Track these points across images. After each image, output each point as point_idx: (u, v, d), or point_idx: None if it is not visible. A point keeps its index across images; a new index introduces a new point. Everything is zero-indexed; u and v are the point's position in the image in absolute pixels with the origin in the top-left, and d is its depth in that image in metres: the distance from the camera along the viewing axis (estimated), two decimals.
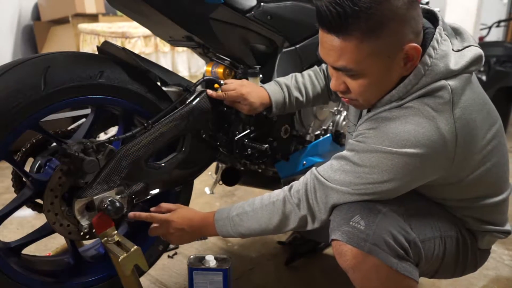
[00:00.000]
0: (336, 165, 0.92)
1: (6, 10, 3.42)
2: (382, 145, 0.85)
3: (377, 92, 0.90)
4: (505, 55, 3.17)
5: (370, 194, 0.89)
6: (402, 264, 0.87)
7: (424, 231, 0.93)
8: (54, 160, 1.02)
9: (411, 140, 0.83)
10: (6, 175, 1.17)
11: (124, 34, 2.93)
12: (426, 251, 0.92)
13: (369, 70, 0.85)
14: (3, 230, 1.77)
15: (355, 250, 0.86)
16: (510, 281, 1.49)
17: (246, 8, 1.23)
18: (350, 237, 0.87)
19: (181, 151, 1.16)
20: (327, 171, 0.93)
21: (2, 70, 0.90)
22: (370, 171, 0.87)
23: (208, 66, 1.32)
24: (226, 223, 1.05)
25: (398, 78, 0.88)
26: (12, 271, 0.97)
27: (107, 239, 1.01)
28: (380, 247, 0.85)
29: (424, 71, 0.85)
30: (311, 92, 1.27)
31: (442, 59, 0.86)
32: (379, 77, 0.86)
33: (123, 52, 1.08)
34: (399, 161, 0.84)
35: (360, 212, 0.88)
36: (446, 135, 0.84)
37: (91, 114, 1.10)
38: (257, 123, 1.30)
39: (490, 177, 0.96)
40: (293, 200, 0.97)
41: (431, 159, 0.85)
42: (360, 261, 0.86)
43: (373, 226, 0.86)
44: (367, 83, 0.87)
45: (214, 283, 1.23)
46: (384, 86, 0.89)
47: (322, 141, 1.52)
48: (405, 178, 0.87)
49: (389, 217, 0.88)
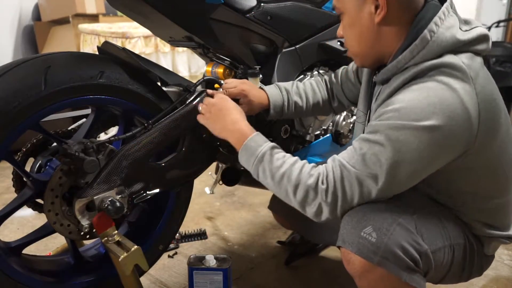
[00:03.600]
0: (361, 149, 0.86)
1: (7, 10, 3.42)
2: (408, 121, 0.82)
3: (356, 38, 0.96)
4: (504, 55, 3.17)
5: (396, 176, 0.84)
6: (411, 276, 0.86)
7: (435, 241, 0.92)
8: (55, 160, 1.03)
9: (436, 112, 0.81)
10: (7, 175, 1.17)
11: (124, 34, 2.94)
12: (436, 260, 0.91)
13: (344, 7, 0.95)
14: (4, 230, 1.78)
15: (364, 261, 0.85)
16: (509, 280, 1.49)
17: (246, 9, 1.24)
18: (360, 248, 0.85)
19: (181, 151, 1.16)
20: (352, 157, 0.87)
21: (2, 70, 0.90)
22: (398, 149, 0.82)
23: (208, 66, 1.32)
24: (257, 150, 0.97)
25: (374, 30, 0.92)
26: (12, 271, 0.97)
27: (107, 238, 1.01)
28: (390, 260, 0.84)
29: (430, 37, 0.86)
30: (311, 99, 1.27)
31: (449, 29, 0.87)
32: (352, 16, 0.94)
33: (124, 52, 1.08)
34: (426, 136, 0.82)
35: (372, 223, 0.86)
36: (470, 108, 0.83)
37: (92, 114, 1.10)
38: (257, 123, 1.31)
39: (503, 173, 0.95)
40: (322, 187, 0.88)
41: (457, 133, 0.83)
42: (368, 271, 0.85)
43: (385, 239, 0.84)
44: (346, 22, 0.96)
45: (214, 282, 1.23)
46: (359, 31, 0.94)
47: (322, 141, 1.52)
48: (432, 154, 0.84)
49: (401, 229, 0.86)
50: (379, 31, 0.92)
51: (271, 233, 1.82)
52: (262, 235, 1.81)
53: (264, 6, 1.27)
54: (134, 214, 1.24)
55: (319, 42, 1.44)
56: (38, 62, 0.94)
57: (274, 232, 1.82)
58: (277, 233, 1.80)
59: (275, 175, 0.93)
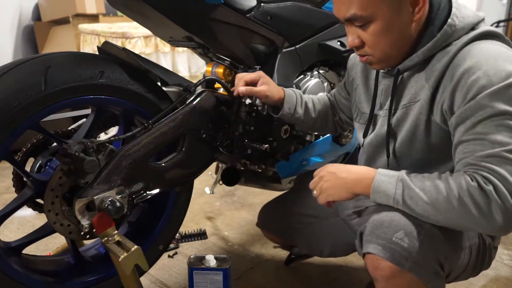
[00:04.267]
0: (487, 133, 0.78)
1: (7, 10, 3.42)
2: (501, 80, 0.77)
3: (390, 42, 0.89)
4: None
5: None
6: (436, 281, 0.86)
7: (457, 243, 0.92)
8: (55, 160, 1.03)
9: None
10: (7, 175, 1.18)
11: (124, 34, 2.94)
12: (457, 264, 0.92)
13: (377, 14, 0.86)
14: (4, 230, 1.78)
15: (394, 266, 0.83)
16: (509, 280, 1.49)
17: (246, 9, 1.24)
18: (392, 253, 0.83)
19: (181, 151, 1.16)
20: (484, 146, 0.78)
21: (2, 70, 0.90)
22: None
23: (208, 66, 1.33)
24: (392, 181, 0.85)
25: (409, 30, 0.89)
26: (12, 271, 0.97)
27: (107, 238, 1.01)
28: (421, 266, 0.83)
29: (451, 31, 0.87)
30: (318, 107, 1.30)
31: (465, 8, 0.89)
32: (389, 21, 0.86)
33: (124, 52, 1.08)
34: None
35: (404, 228, 0.83)
36: None
37: (92, 114, 1.11)
38: (257, 123, 1.31)
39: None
40: (488, 188, 0.76)
41: None
42: (396, 276, 0.84)
43: (417, 244, 0.83)
44: (378, 29, 0.87)
45: (214, 282, 1.23)
46: (396, 35, 0.88)
47: (322, 141, 1.52)
48: None
49: (431, 234, 0.85)
50: (413, 29, 0.89)
51: None
52: (262, 235, 1.80)
53: (264, 6, 1.27)
54: (134, 214, 1.24)
55: (319, 42, 1.44)
56: (38, 62, 0.94)
57: None
58: None
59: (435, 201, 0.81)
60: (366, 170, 0.91)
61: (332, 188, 0.94)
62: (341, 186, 0.92)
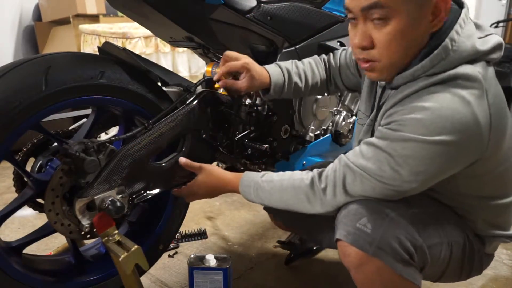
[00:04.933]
0: (368, 154, 0.87)
1: (7, 11, 3.42)
2: (417, 134, 0.81)
3: (400, 49, 0.85)
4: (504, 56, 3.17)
5: (400, 185, 0.85)
6: (407, 269, 0.86)
7: (431, 236, 0.92)
8: (55, 160, 1.03)
9: (447, 127, 0.79)
10: (7, 175, 1.18)
11: (124, 34, 2.94)
12: (432, 256, 0.92)
13: (400, 11, 0.80)
14: (5, 229, 1.78)
15: (360, 252, 0.86)
16: (509, 280, 1.49)
17: (246, 9, 1.24)
18: (356, 239, 0.86)
19: (182, 151, 1.16)
20: (358, 159, 0.89)
21: (3, 71, 0.91)
22: (404, 161, 0.83)
23: (209, 67, 1.33)
24: (251, 185, 1.04)
25: (419, 41, 0.85)
26: (13, 271, 0.98)
27: (107, 238, 1.02)
28: (385, 251, 0.85)
29: (451, 46, 0.83)
30: (310, 80, 1.25)
31: (469, 38, 0.85)
32: (409, 23, 0.81)
33: (124, 52, 1.08)
34: (435, 150, 0.81)
35: (367, 215, 0.87)
36: (481, 121, 0.81)
37: (92, 114, 1.11)
38: (257, 123, 1.31)
39: (508, 176, 0.95)
40: (320, 185, 0.93)
41: (467, 146, 0.83)
42: (364, 263, 0.86)
43: (380, 230, 0.85)
44: (396, 30, 0.81)
45: (214, 282, 1.24)
46: (409, 42, 0.84)
47: (322, 141, 1.53)
48: (439, 168, 0.84)
49: (396, 222, 0.87)
50: (424, 40, 0.85)
51: (271, 233, 1.82)
52: (262, 235, 1.81)
53: (264, 7, 1.27)
54: (135, 213, 1.24)
55: (319, 43, 1.44)
56: (38, 62, 0.94)
57: (274, 232, 1.82)
58: (277, 233, 1.81)
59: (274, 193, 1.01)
60: (233, 175, 1.09)
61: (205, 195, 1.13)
62: (215, 191, 1.11)
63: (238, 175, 1.07)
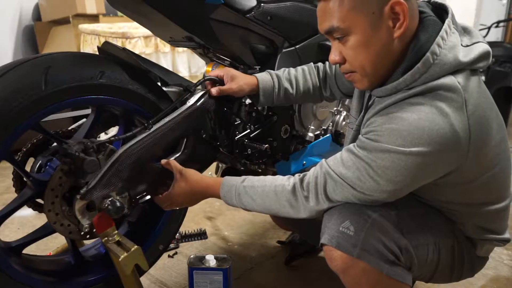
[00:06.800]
0: (348, 162, 0.89)
1: (7, 11, 3.42)
2: (395, 145, 0.83)
3: (370, 59, 0.87)
4: (504, 56, 3.17)
5: (378, 194, 0.87)
6: (393, 269, 0.87)
7: (416, 236, 0.93)
8: (55, 160, 1.03)
9: (424, 138, 0.81)
10: (7, 175, 1.18)
11: (124, 34, 2.94)
12: (418, 256, 0.92)
13: (354, 27, 0.85)
14: (4, 229, 1.78)
15: (344, 255, 0.86)
16: (509, 280, 1.49)
17: (246, 9, 1.24)
18: (340, 242, 0.87)
19: (181, 151, 1.16)
20: (339, 167, 0.90)
21: (3, 70, 0.91)
22: (383, 172, 0.85)
23: (209, 67, 1.33)
24: (232, 190, 1.02)
25: (391, 48, 0.86)
26: (13, 271, 0.98)
27: (107, 238, 1.02)
28: (370, 252, 0.85)
29: (432, 60, 0.83)
30: (301, 86, 1.26)
31: (452, 50, 0.85)
32: (367, 35, 0.85)
33: (124, 52, 1.08)
34: (412, 161, 0.82)
35: (350, 218, 0.88)
36: (459, 132, 0.82)
37: (92, 114, 1.11)
38: (257, 123, 1.31)
39: (496, 183, 0.95)
40: (302, 192, 0.94)
41: (444, 157, 0.84)
42: (350, 265, 0.87)
43: (363, 232, 0.86)
44: (356, 42, 0.86)
45: (214, 282, 1.24)
46: (376, 51, 0.86)
47: (322, 141, 1.53)
48: (417, 177, 0.85)
49: (379, 223, 0.88)
50: (394, 47, 0.87)
51: (271, 233, 1.82)
52: (262, 235, 1.81)
53: (264, 6, 1.27)
54: (134, 214, 1.24)
55: (319, 43, 1.44)
56: (38, 62, 0.94)
57: (274, 232, 1.82)
58: (277, 233, 1.81)
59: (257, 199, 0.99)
60: (213, 180, 1.06)
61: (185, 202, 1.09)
62: (195, 198, 1.08)
63: (218, 180, 1.05)
